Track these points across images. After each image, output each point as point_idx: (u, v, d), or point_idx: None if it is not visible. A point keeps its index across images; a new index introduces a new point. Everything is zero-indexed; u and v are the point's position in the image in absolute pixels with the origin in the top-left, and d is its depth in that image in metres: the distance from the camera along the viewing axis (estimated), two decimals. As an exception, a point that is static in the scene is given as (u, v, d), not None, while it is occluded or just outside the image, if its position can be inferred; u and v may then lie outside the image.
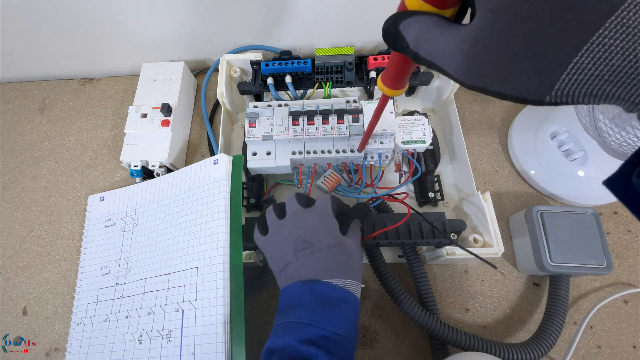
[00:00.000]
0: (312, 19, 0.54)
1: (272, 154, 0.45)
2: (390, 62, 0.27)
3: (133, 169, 0.50)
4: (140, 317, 0.41)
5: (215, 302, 0.37)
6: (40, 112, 0.62)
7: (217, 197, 0.42)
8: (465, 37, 0.17)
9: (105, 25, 0.54)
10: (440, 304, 0.45)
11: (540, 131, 0.51)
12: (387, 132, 0.43)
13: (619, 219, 0.49)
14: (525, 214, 0.45)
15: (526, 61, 0.15)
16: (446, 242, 0.41)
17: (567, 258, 0.41)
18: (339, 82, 0.51)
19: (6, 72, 0.63)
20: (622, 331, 0.43)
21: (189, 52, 0.61)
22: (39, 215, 0.54)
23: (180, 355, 0.37)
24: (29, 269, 0.51)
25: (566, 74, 0.15)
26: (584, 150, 0.47)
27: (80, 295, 0.46)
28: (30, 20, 0.53)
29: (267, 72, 0.50)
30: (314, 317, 0.30)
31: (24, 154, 0.58)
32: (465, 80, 0.18)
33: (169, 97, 0.54)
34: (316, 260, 0.33)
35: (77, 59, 0.61)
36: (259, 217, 0.39)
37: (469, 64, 0.17)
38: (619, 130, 0.35)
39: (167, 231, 0.44)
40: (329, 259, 0.33)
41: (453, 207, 0.49)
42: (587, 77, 0.14)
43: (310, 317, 0.30)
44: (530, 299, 0.46)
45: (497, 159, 0.54)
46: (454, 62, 0.18)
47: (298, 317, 0.31)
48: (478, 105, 0.57)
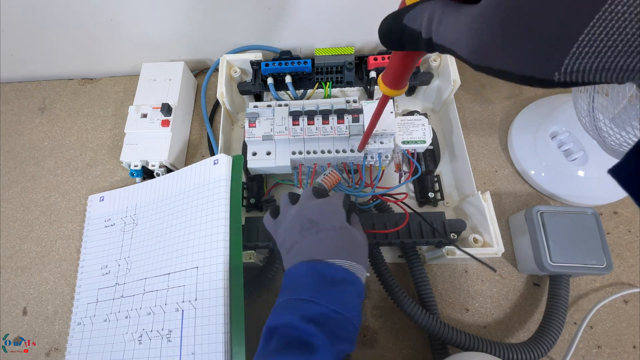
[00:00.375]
0: (312, 19, 0.54)
1: (272, 154, 0.45)
2: (390, 62, 0.27)
3: (133, 169, 0.50)
4: (140, 317, 0.41)
5: (215, 302, 0.37)
6: (40, 112, 0.62)
7: (217, 197, 0.42)
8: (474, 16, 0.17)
9: (105, 25, 0.54)
10: (440, 304, 0.45)
11: (540, 131, 0.51)
12: (387, 132, 0.43)
13: (619, 219, 0.49)
14: (525, 214, 0.45)
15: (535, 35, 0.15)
16: (446, 241, 0.41)
17: (567, 258, 0.41)
18: (339, 82, 0.51)
19: (6, 72, 0.63)
20: (622, 331, 0.43)
21: (189, 52, 0.61)
22: (39, 215, 0.54)
23: (180, 355, 0.37)
24: (29, 269, 0.51)
25: (576, 47, 0.14)
26: (584, 150, 0.47)
27: (80, 295, 0.46)
28: (30, 20, 0.53)
29: (267, 72, 0.50)
30: (315, 294, 0.30)
31: (24, 154, 0.58)
32: (473, 60, 0.17)
33: (169, 97, 0.54)
34: (321, 240, 0.33)
35: (77, 59, 0.61)
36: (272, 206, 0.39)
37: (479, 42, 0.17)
38: (619, 130, 0.35)
39: (167, 231, 0.44)
40: (333, 239, 0.33)
41: (453, 207, 0.49)
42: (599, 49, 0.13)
43: (312, 294, 0.30)
44: (530, 299, 0.46)
45: (497, 159, 0.54)
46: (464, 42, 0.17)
47: (299, 295, 0.31)
48: (478, 105, 0.57)
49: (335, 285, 0.31)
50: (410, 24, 0.20)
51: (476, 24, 0.17)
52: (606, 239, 0.42)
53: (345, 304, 0.30)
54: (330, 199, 0.36)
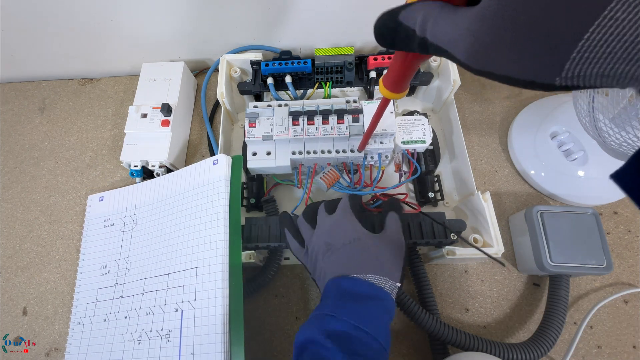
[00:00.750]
0: (312, 19, 0.54)
1: (272, 154, 0.45)
2: (391, 66, 0.27)
3: (133, 169, 0.50)
4: (139, 317, 0.41)
5: (214, 302, 0.37)
6: (40, 112, 0.62)
7: (216, 198, 0.42)
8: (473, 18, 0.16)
9: (105, 25, 0.54)
10: (440, 304, 0.45)
11: (540, 131, 0.51)
12: (387, 132, 0.43)
13: (619, 219, 0.49)
14: (525, 214, 0.45)
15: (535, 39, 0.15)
16: (447, 241, 0.41)
17: (567, 258, 0.41)
18: (339, 82, 0.51)
19: (6, 72, 0.63)
20: (622, 331, 0.43)
21: (189, 52, 0.61)
22: (39, 215, 0.54)
23: (179, 355, 0.37)
24: (29, 269, 0.51)
25: (577, 52, 0.14)
26: (584, 150, 0.47)
27: (80, 295, 0.46)
28: (30, 20, 0.53)
29: (267, 72, 0.50)
30: (335, 309, 0.30)
31: (24, 154, 0.58)
32: (473, 64, 0.17)
33: (169, 97, 0.54)
34: (335, 259, 0.33)
35: (77, 59, 0.61)
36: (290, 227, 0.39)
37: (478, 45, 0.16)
38: (619, 130, 0.35)
39: (167, 231, 0.44)
40: (345, 255, 0.33)
41: (453, 207, 0.49)
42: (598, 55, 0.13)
43: (332, 308, 0.30)
44: (530, 299, 0.45)
45: (497, 159, 0.54)
46: (462, 44, 0.17)
47: (322, 309, 0.31)
48: (478, 105, 0.57)
49: (357, 300, 0.30)
50: (405, 22, 0.20)
51: (475, 25, 0.16)
52: (606, 239, 0.42)
53: (368, 320, 0.29)
54: (338, 212, 0.36)
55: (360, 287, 0.31)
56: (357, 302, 0.30)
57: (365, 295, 0.30)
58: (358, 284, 0.31)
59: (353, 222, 0.35)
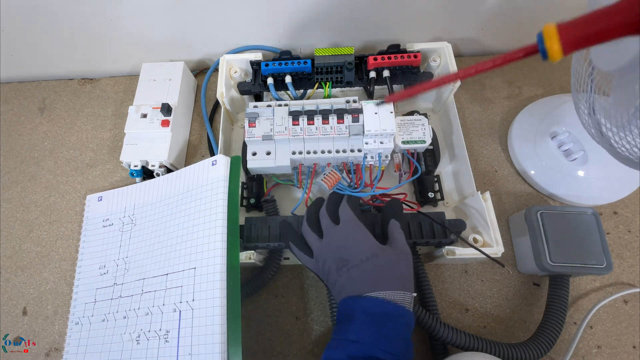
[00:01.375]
0: (312, 19, 0.54)
1: (272, 154, 0.45)
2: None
3: (133, 169, 0.50)
4: (138, 318, 0.41)
5: (212, 302, 0.37)
6: (40, 112, 0.62)
7: (215, 198, 0.42)
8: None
9: (105, 25, 0.54)
10: (440, 304, 0.45)
11: (540, 131, 0.51)
12: (387, 132, 0.43)
13: (619, 219, 0.49)
14: (525, 214, 0.45)
15: None
16: (447, 241, 0.41)
17: (567, 258, 0.41)
18: (338, 82, 0.51)
19: (6, 72, 0.63)
20: (622, 331, 0.43)
21: (189, 52, 0.61)
22: (39, 215, 0.54)
23: (177, 355, 0.37)
24: (29, 269, 0.51)
25: None
26: (584, 150, 0.47)
27: (78, 295, 0.46)
28: (31, 20, 0.53)
29: (267, 72, 0.50)
30: (360, 335, 0.30)
31: (24, 154, 0.58)
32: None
33: (169, 97, 0.54)
34: (354, 276, 0.33)
35: (77, 59, 0.61)
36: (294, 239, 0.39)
37: None
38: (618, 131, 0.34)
39: (165, 232, 0.44)
40: (365, 273, 0.33)
41: (453, 207, 0.49)
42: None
43: (357, 334, 0.30)
44: (530, 299, 0.45)
45: (497, 159, 0.54)
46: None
47: (347, 334, 0.31)
48: (478, 105, 0.57)
49: (380, 322, 0.30)
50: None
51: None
52: (606, 239, 0.42)
53: (393, 341, 0.30)
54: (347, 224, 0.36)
55: (383, 307, 0.31)
56: (381, 324, 0.30)
57: (389, 316, 0.31)
58: (381, 304, 0.31)
59: (364, 234, 0.35)
